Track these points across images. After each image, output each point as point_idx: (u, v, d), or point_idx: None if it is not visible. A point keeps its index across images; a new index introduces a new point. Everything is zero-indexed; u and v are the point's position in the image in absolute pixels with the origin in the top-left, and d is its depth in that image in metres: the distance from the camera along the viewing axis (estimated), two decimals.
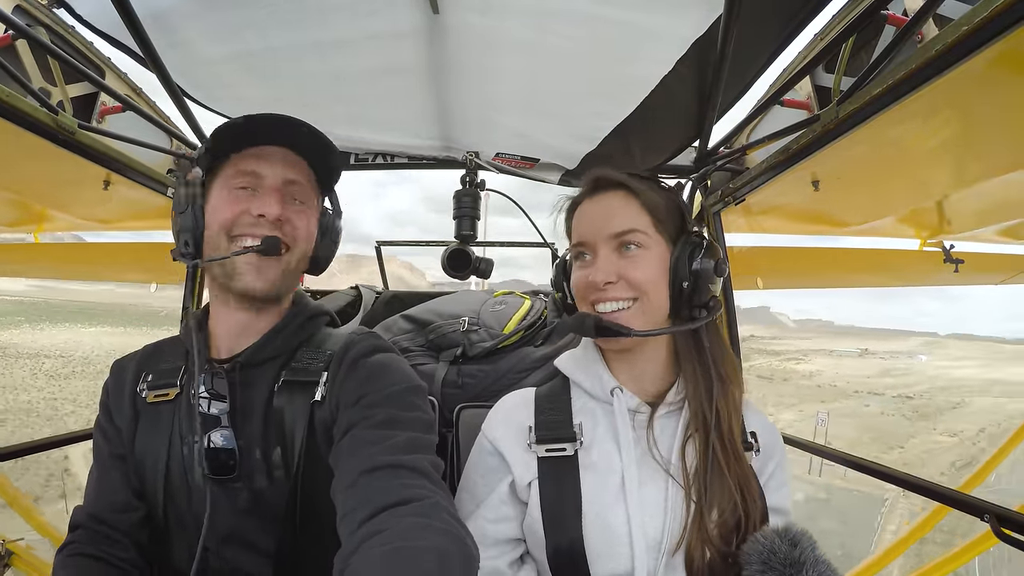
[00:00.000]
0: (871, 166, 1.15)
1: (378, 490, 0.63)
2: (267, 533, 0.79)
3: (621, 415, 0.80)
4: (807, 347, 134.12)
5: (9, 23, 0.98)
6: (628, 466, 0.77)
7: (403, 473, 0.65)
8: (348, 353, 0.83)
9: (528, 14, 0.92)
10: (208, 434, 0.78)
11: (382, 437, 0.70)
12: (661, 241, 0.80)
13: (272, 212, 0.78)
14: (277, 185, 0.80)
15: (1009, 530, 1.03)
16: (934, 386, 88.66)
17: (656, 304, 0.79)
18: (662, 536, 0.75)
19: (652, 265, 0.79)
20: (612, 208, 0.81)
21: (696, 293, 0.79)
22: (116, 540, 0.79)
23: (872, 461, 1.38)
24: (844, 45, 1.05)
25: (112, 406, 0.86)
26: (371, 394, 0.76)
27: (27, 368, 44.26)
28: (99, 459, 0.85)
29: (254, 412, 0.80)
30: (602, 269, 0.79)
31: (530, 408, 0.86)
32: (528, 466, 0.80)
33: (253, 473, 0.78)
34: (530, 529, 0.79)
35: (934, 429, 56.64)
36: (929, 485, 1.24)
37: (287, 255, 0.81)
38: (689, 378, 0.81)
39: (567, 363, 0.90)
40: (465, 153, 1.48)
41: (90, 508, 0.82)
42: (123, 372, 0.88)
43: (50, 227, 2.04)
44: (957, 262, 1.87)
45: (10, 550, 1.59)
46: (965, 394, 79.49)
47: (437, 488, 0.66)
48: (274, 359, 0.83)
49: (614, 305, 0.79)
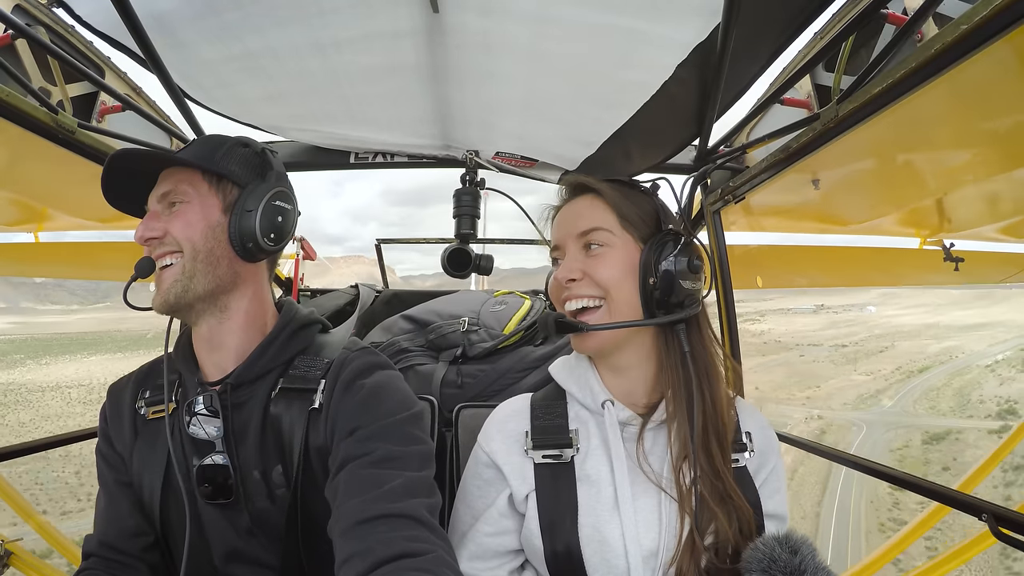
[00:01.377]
0: (871, 165, 1.15)
1: (378, 542, 0.62)
2: (271, 550, 0.78)
3: (612, 428, 0.79)
4: (766, 307, 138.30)
5: (9, 23, 0.98)
6: (620, 480, 0.76)
7: (401, 524, 0.65)
8: (343, 372, 0.80)
9: (528, 18, 0.92)
10: (203, 460, 0.77)
11: (379, 480, 0.69)
12: (629, 240, 0.80)
13: (138, 235, 0.78)
14: (153, 206, 0.80)
15: (1007, 529, 1.03)
16: (871, 334, 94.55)
17: (624, 303, 0.78)
18: (658, 549, 0.75)
19: (617, 263, 0.79)
20: (579, 209, 0.83)
21: (667, 291, 0.77)
22: (128, 565, 0.79)
23: (872, 461, 1.38)
24: (844, 44, 1.05)
25: (112, 432, 0.85)
26: (367, 425, 0.74)
27: (58, 398, 45.79)
28: (105, 486, 0.84)
29: (248, 432, 0.78)
30: (566, 266, 0.81)
31: (526, 415, 0.85)
32: (525, 476, 0.80)
33: (253, 495, 0.77)
34: (528, 539, 0.79)
35: (854, 371, 65.53)
36: (928, 485, 1.24)
37: (179, 260, 0.77)
38: (673, 390, 0.80)
39: (560, 371, 0.90)
40: (465, 152, 1.48)
41: (101, 536, 0.81)
42: (121, 393, 0.87)
43: (50, 227, 2.04)
44: (957, 260, 1.87)
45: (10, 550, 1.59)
46: (896, 340, 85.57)
47: (436, 538, 0.66)
48: (266, 375, 0.81)
49: (580, 303, 0.79)
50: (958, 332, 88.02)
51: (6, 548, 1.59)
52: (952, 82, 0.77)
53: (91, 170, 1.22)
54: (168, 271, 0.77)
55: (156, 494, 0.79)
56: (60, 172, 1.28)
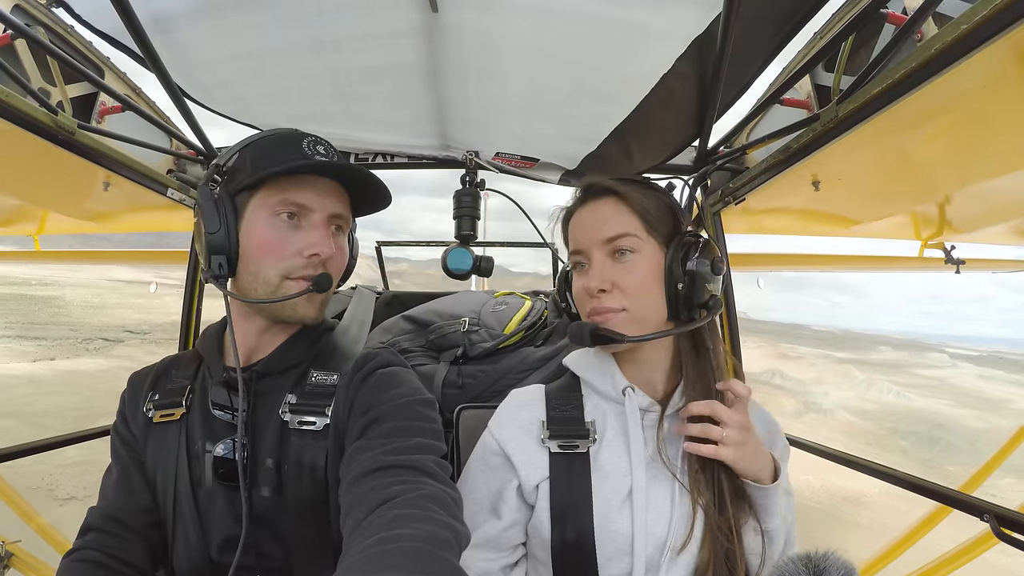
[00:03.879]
0: (871, 165, 1.15)
1: (375, 488, 0.63)
2: (277, 540, 0.79)
3: (632, 414, 0.80)
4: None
5: (8, 23, 0.98)
6: (637, 467, 0.77)
7: (403, 472, 0.65)
8: (364, 367, 0.83)
9: (527, 13, 0.92)
10: (220, 441, 0.79)
11: (387, 443, 0.70)
12: (654, 244, 0.80)
13: (326, 252, 0.79)
14: (324, 220, 0.80)
15: (1009, 530, 1.02)
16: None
17: (651, 308, 0.79)
18: (667, 537, 0.75)
19: (646, 269, 0.79)
20: (604, 214, 0.82)
21: (693, 294, 0.78)
22: (127, 539, 0.80)
23: (871, 461, 1.38)
24: (844, 44, 1.05)
25: (128, 414, 0.87)
26: (379, 405, 0.76)
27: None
28: (119, 460, 0.86)
29: (269, 422, 0.80)
30: (596, 276, 0.80)
31: (540, 404, 0.86)
32: (537, 465, 0.80)
33: (262, 482, 0.78)
34: (535, 528, 0.79)
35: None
36: (929, 485, 1.23)
37: (332, 287, 0.83)
38: (690, 382, 0.81)
39: (578, 362, 0.90)
40: (465, 153, 1.48)
41: (108, 508, 0.82)
42: (139, 385, 0.89)
43: (50, 228, 2.04)
44: (958, 263, 1.87)
45: (10, 551, 1.59)
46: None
47: (437, 483, 0.65)
48: (288, 371, 0.84)
49: (608, 315, 0.79)
50: None
51: (6, 549, 1.59)
52: (952, 82, 0.77)
53: (91, 171, 1.23)
54: (322, 294, 0.83)
55: (170, 481, 0.81)
56: (60, 173, 1.28)
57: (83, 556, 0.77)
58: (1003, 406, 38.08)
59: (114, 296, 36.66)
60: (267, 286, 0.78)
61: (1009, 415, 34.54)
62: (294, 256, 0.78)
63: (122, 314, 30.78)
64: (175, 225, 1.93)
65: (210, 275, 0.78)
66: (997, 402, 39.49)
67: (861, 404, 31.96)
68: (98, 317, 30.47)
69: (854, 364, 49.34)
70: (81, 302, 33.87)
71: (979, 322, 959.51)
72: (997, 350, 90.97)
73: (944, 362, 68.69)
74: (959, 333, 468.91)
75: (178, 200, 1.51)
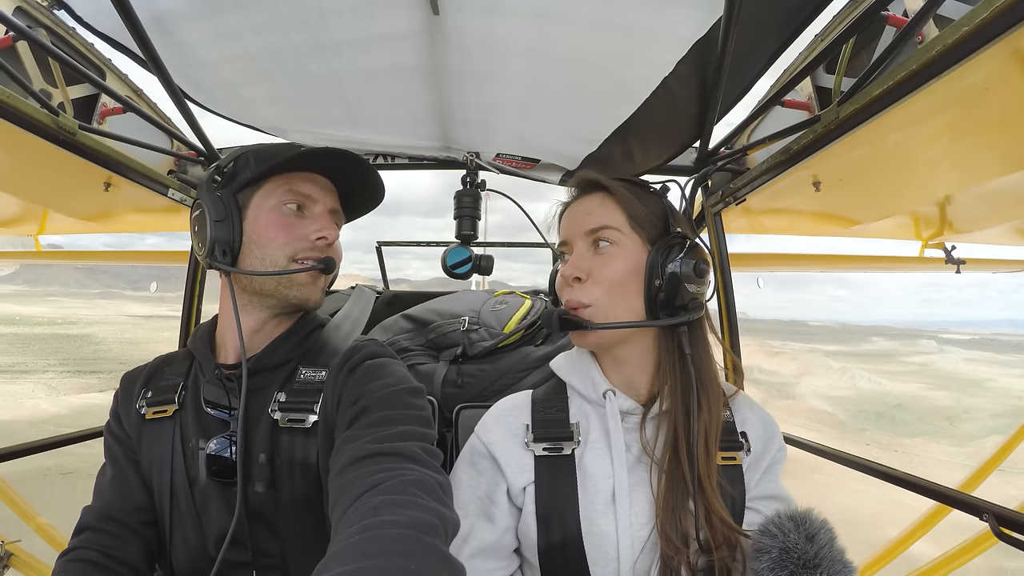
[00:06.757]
0: (872, 167, 1.15)
1: (360, 476, 0.63)
2: (273, 535, 0.79)
3: (613, 417, 0.80)
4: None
5: (10, 24, 0.98)
6: (619, 470, 0.77)
7: (389, 460, 0.65)
8: (350, 359, 0.84)
9: (528, 15, 0.92)
10: (213, 438, 0.79)
11: (374, 432, 0.71)
12: (638, 241, 0.80)
13: (332, 236, 0.85)
14: (327, 211, 0.86)
15: (1008, 529, 1.03)
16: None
17: (623, 305, 0.79)
18: (648, 539, 0.75)
19: (624, 264, 0.79)
20: (590, 207, 0.83)
21: (672, 295, 0.77)
22: (122, 537, 0.80)
23: (872, 461, 1.38)
24: (845, 46, 1.05)
25: (121, 413, 0.88)
26: (366, 396, 0.77)
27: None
28: (114, 461, 0.86)
29: (260, 419, 0.80)
30: (572, 263, 0.81)
31: (526, 409, 0.86)
32: (523, 468, 0.80)
33: (256, 478, 0.79)
34: (523, 531, 0.79)
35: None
36: (929, 485, 1.23)
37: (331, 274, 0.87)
38: (670, 388, 0.80)
39: (561, 365, 0.91)
40: (466, 153, 1.48)
41: (103, 507, 0.82)
42: (132, 383, 0.90)
43: (51, 228, 2.04)
44: (959, 263, 1.87)
45: (9, 551, 1.59)
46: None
47: (424, 468, 0.65)
48: (280, 366, 0.85)
49: (579, 307, 0.80)
50: None
51: (6, 549, 1.59)
52: (953, 84, 0.77)
53: (92, 172, 1.23)
54: (323, 279, 0.87)
55: (165, 478, 0.81)
56: (61, 174, 1.28)
57: (79, 555, 0.77)
58: (980, 385, 38.49)
59: (139, 331, 37.69)
60: (274, 267, 0.81)
61: (983, 393, 34.99)
62: (301, 239, 0.82)
63: (155, 348, 31.75)
64: (176, 226, 1.93)
65: (211, 260, 0.80)
66: (976, 382, 39.95)
67: (831, 391, 32.35)
68: (136, 351, 32.03)
69: (835, 356, 49.72)
70: (114, 338, 34.79)
71: (979, 306, 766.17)
72: (997, 332, 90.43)
73: (932, 348, 69.14)
74: (960, 319, 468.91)
75: (179, 201, 1.51)
